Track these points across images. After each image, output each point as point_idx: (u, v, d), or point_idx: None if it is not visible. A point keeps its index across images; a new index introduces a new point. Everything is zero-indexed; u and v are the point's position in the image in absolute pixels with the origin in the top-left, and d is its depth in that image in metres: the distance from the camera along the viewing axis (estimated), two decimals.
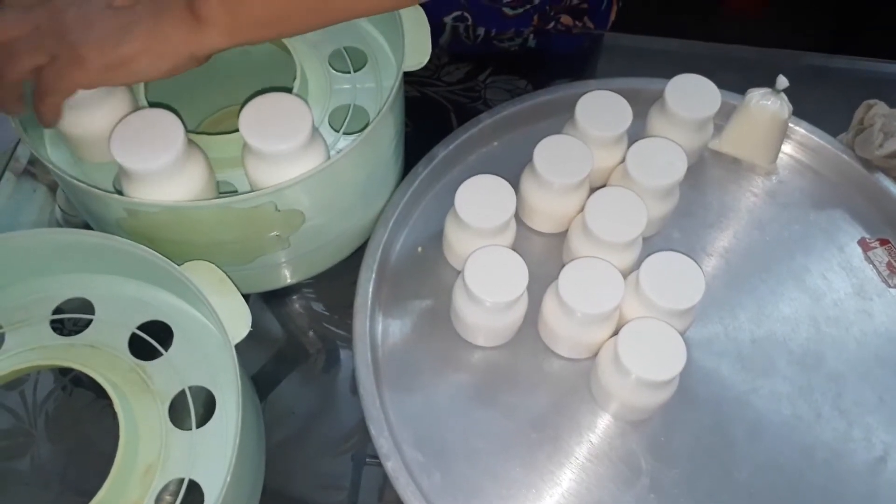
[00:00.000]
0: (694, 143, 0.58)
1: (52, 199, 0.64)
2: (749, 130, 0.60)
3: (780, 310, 0.55)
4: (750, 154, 0.61)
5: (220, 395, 0.46)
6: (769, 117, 0.58)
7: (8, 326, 0.48)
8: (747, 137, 0.60)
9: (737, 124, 0.60)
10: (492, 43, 0.71)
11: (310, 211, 0.47)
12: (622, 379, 0.47)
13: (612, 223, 0.51)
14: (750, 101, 0.58)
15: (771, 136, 0.60)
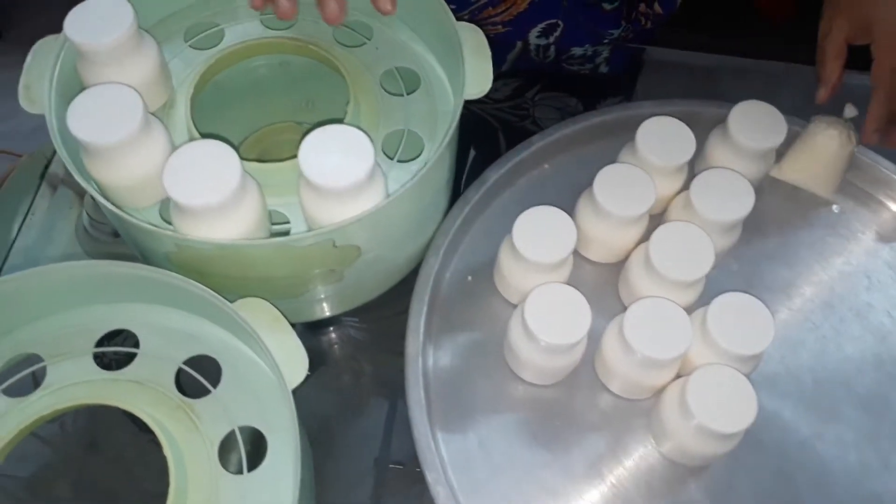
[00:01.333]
0: (756, 172, 0.56)
1: (80, 204, 0.62)
2: (812, 160, 0.57)
3: (844, 349, 0.53)
4: (812, 183, 0.59)
5: (272, 437, 0.44)
6: (835, 148, 0.56)
7: (49, 360, 0.46)
8: (810, 166, 0.58)
9: (800, 152, 0.58)
10: (561, 65, 0.69)
11: (366, 245, 0.45)
12: (688, 426, 0.45)
13: (678, 261, 0.49)
14: (815, 130, 0.56)
15: (835, 166, 0.57)
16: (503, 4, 0.67)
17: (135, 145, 0.43)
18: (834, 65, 0.56)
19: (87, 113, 0.42)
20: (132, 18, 0.45)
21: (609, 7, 0.68)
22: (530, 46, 0.69)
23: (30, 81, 0.45)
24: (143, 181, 0.44)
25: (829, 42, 0.56)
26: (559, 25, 0.68)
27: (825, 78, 0.56)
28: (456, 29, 0.48)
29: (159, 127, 0.45)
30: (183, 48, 0.54)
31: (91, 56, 0.45)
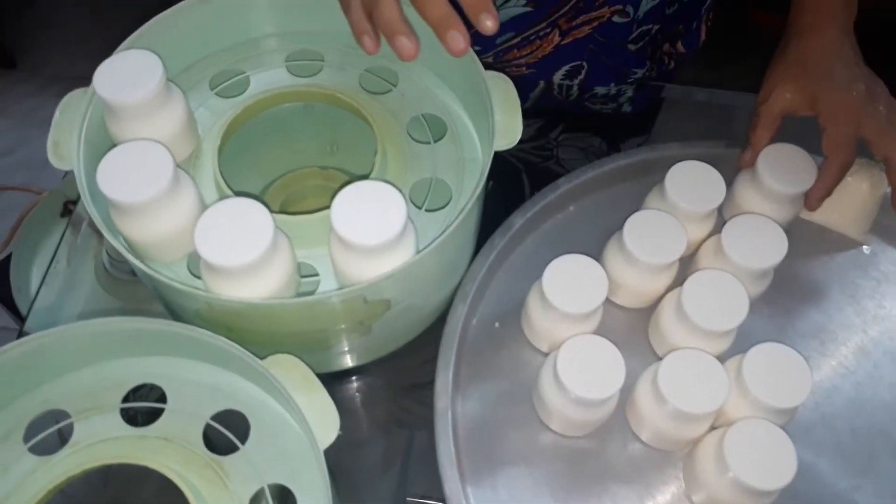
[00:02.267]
0: (785, 216, 0.55)
1: (100, 244, 0.62)
2: (843, 201, 0.57)
3: (881, 395, 0.52)
4: (842, 225, 0.58)
5: (301, 496, 0.43)
6: (866, 190, 0.55)
7: (76, 415, 0.46)
8: (840, 208, 0.57)
9: (832, 196, 0.57)
10: (584, 104, 0.69)
11: (396, 298, 0.45)
12: (724, 480, 0.44)
13: (712, 310, 0.48)
14: (848, 174, 0.55)
15: (865, 208, 0.56)
16: (529, 47, 0.67)
17: (164, 202, 0.42)
18: (764, 133, 0.55)
19: (117, 171, 0.42)
20: (161, 73, 0.45)
21: (634, 48, 0.68)
22: (554, 86, 0.69)
23: (59, 138, 0.45)
24: (172, 237, 0.44)
25: (766, 110, 0.55)
26: (584, 67, 0.68)
27: (754, 143, 0.55)
28: (484, 77, 0.48)
29: (188, 182, 0.45)
30: (209, 96, 0.53)
31: (119, 111, 0.45)
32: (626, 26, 0.67)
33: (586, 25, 0.66)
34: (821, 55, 0.54)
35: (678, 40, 0.73)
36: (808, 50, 0.55)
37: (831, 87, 0.53)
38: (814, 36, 0.55)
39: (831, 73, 0.54)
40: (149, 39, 0.49)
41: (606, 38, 0.67)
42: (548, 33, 0.66)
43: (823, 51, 0.55)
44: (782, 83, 0.55)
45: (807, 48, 0.55)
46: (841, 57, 0.54)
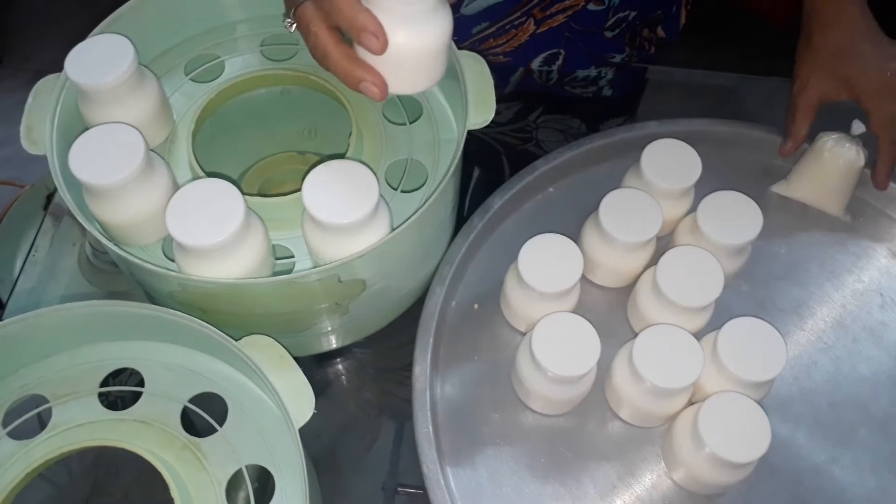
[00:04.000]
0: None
1: (83, 234, 0.62)
2: (819, 177, 0.57)
3: (859, 370, 0.52)
4: (819, 200, 0.58)
5: (280, 476, 0.44)
6: (843, 165, 0.55)
7: (55, 400, 0.46)
8: (817, 184, 0.57)
9: (806, 169, 0.57)
10: (564, 88, 0.69)
11: (371, 278, 0.45)
12: (700, 454, 0.44)
13: (687, 286, 0.48)
14: (823, 147, 0.56)
15: (843, 183, 0.57)
16: (504, 36, 0.67)
17: (137, 185, 0.43)
18: (804, 122, 0.56)
19: (88, 154, 0.42)
20: (132, 57, 0.45)
21: (610, 35, 0.68)
22: (533, 72, 0.69)
23: (31, 122, 0.45)
24: (146, 220, 0.44)
25: (804, 99, 0.56)
26: (561, 54, 0.68)
27: (794, 133, 0.57)
28: (457, 57, 0.48)
29: (161, 165, 0.45)
30: (184, 81, 0.53)
31: (92, 95, 0.45)
32: (602, 13, 0.67)
33: (561, 14, 0.66)
34: (848, 40, 0.55)
35: (658, 25, 0.73)
36: (834, 37, 0.56)
37: (866, 69, 0.54)
38: (837, 22, 0.56)
39: (863, 56, 0.54)
40: (123, 25, 0.49)
41: (582, 25, 0.67)
42: (522, 22, 0.66)
43: (850, 35, 0.55)
44: (816, 73, 0.56)
45: (833, 35, 0.56)
46: (868, 37, 0.55)
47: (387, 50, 0.37)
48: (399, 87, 0.39)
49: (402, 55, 0.37)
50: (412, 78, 0.39)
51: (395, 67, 0.38)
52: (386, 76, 0.38)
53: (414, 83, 0.39)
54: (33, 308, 0.43)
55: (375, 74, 0.38)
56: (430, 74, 0.39)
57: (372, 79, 0.38)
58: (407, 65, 0.38)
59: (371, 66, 0.38)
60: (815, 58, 0.56)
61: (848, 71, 0.55)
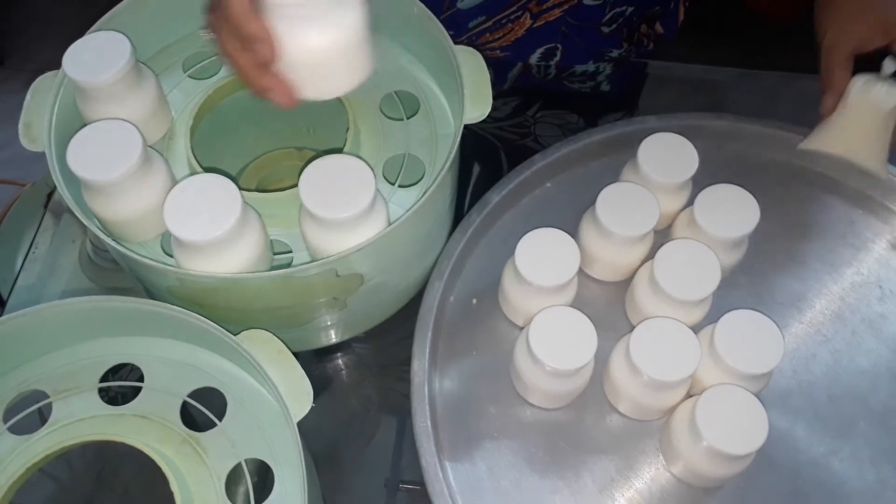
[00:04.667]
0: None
1: (83, 232, 0.63)
2: (850, 124, 0.53)
3: (858, 362, 0.52)
4: (852, 151, 0.54)
5: (279, 470, 0.44)
6: (875, 106, 0.52)
7: (55, 395, 0.46)
8: (848, 133, 0.54)
9: (834, 119, 0.54)
10: (562, 83, 0.68)
11: (369, 273, 0.45)
12: (697, 448, 0.44)
13: (684, 280, 0.48)
14: (850, 90, 0.53)
15: (877, 129, 0.53)
16: (501, 31, 0.67)
17: (135, 181, 0.43)
18: (843, 73, 0.53)
19: (86, 150, 0.42)
20: (129, 54, 0.45)
21: (608, 30, 0.68)
22: (532, 67, 0.69)
23: (30, 120, 0.46)
24: (144, 216, 0.44)
25: (837, 51, 0.53)
26: (558, 49, 0.68)
27: (834, 86, 0.53)
28: (454, 52, 0.48)
29: (159, 161, 0.45)
30: (182, 78, 0.54)
31: (90, 92, 0.45)
32: (598, 8, 0.67)
33: (557, 8, 0.66)
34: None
35: (656, 22, 0.73)
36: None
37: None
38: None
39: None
40: (120, 22, 0.50)
41: (578, 20, 0.67)
42: (519, 16, 0.66)
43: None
44: (848, 21, 0.53)
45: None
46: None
47: (288, 56, 0.35)
48: (311, 92, 0.38)
49: (305, 59, 0.36)
50: (322, 82, 0.38)
51: (302, 73, 0.37)
52: (296, 82, 0.37)
53: (325, 88, 0.38)
54: (34, 305, 0.44)
55: (280, 82, 0.37)
56: (343, 77, 0.38)
57: (277, 87, 0.37)
58: (312, 69, 0.37)
59: (276, 75, 0.37)
60: (842, 6, 0.53)
61: (885, 14, 0.52)
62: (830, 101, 0.54)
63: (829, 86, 0.54)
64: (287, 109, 0.39)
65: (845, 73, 0.53)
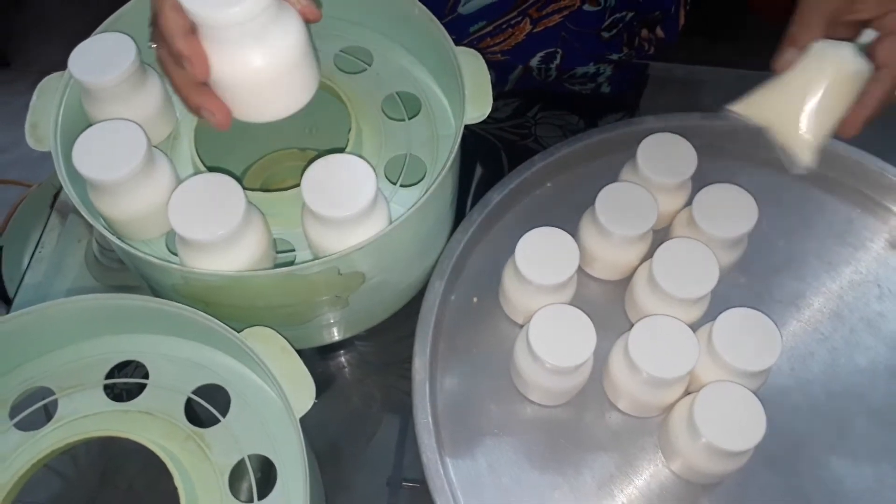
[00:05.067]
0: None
1: (90, 232, 0.63)
2: (791, 91, 0.43)
3: (856, 360, 0.53)
4: (783, 125, 0.44)
5: (282, 466, 0.44)
6: (827, 75, 0.43)
7: (60, 392, 0.47)
8: (789, 98, 0.43)
9: (780, 81, 0.45)
10: (563, 84, 0.69)
11: (371, 271, 0.46)
12: (696, 444, 0.45)
13: (682, 279, 0.48)
14: (808, 51, 0.44)
15: (820, 106, 0.43)
16: (501, 35, 0.68)
17: (139, 180, 0.43)
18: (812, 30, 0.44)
19: (91, 150, 0.43)
20: (135, 55, 0.45)
21: (608, 35, 0.68)
22: (532, 69, 0.70)
23: (36, 120, 0.46)
24: (149, 215, 0.45)
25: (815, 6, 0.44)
26: (558, 52, 0.69)
27: (797, 40, 0.44)
28: (455, 54, 0.49)
29: (164, 160, 0.46)
30: None
31: (96, 93, 0.46)
32: (598, 14, 0.67)
33: (557, 14, 0.66)
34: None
35: (657, 26, 0.73)
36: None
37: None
38: None
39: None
40: (126, 23, 0.50)
41: (578, 26, 0.67)
42: (519, 22, 0.67)
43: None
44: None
45: None
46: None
47: (220, 77, 0.35)
48: (246, 114, 0.37)
49: (237, 82, 0.36)
50: (257, 105, 0.37)
51: (234, 94, 0.36)
52: (228, 102, 0.37)
53: (260, 110, 0.37)
54: (40, 303, 0.44)
55: (213, 102, 0.37)
56: (279, 100, 0.37)
57: (210, 106, 0.37)
58: (245, 91, 0.36)
59: (210, 93, 0.37)
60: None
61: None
62: (787, 56, 0.44)
63: (792, 39, 0.45)
64: (221, 130, 0.38)
65: (815, 30, 0.44)
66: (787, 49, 0.45)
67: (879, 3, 0.43)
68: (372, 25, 0.56)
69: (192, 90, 0.37)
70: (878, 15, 0.44)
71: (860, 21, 0.44)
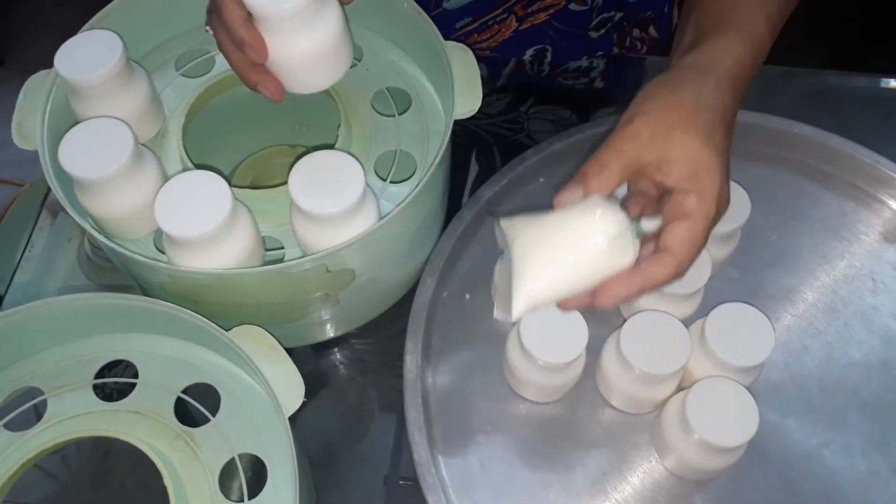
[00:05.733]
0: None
1: (81, 232, 0.63)
2: (548, 238, 0.38)
3: (850, 355, 0.52)
4: (524, 268, 0.37)
5: (272, 465, 0.44)
6: (594, 239, 0.37)
7: (50, 392, 0.46)
8: (538, 245, 0.38)
9: (546, 219, 0.39)
10: (556, 79, 0.69)
11: (360, 268, 0.45)
12: (689, 440, 0.45)
13: None
14: (588, 201, 0.38)
15: (576, 265, 0.37)
16: (488, 32, 0.67)
17: (126, 178, 0.43)
18: (612, 179, 0.38)
19: (78, 148, 0.43)
20: (121, 52, 0.45)
21: (596, 35, 0.68)
22: (525, 64, 0.69)
23: (22, 118, 0.46)
24: (136, 213, 0.45)
25: (619, 151, 0.39)
26: (548, 49, 0.68)
27: (590, 182, 0.38)
28: (444, 48, 0.48)
29: (151, 158, 0.45)
30: (174, 77, 0.54)
31: (82, 91, 0.46)
32: (585, 14, 0.67)
33: (542, 12, 0.66)
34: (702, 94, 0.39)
35: (650, 26, 0.72)
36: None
37: (705, 148, 0.38)
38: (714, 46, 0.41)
39: (701, 128, 0.39)
40: (113, 21, 0.50)
41: (565, 25, 0.67)
42: (504, 19, 0.66)
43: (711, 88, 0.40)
44: (642, 114, 0.39)
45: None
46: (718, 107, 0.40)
47: (275, 57, 0.41)
48: (297, 87, 0.44)
49: (290, 61, 0.41)
50: (306, 79, 0.43)
51: (288, 71, 0.42)
52: (281, 78, 0.43)
53: (309, 83, 0.44)
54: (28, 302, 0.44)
55: (269, 79, 0.43)
56: (324, 74, 0.43)
57: (266, 83, 0.43)
58: (297, 68, 0.42)
59: (265, 72, 0.43)
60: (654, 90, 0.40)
61: (690, 148, 0.38)
62: (567, 196, 0.39)
63: (583, 176, 0.39)
64: (276, 102, 0.44)
65: (612, 176, 0.38)
66: (573, 188, 0.39)
67: (690, 177, 0.38)
68: (361, 21, 0.56)
69: (249, 70, 0.43)
70: (680, 187, 0.38)
71: (658, 186, 0.40)
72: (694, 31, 0.45)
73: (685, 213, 0.38)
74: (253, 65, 0.42)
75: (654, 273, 0.38)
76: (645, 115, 0.39)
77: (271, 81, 0.42)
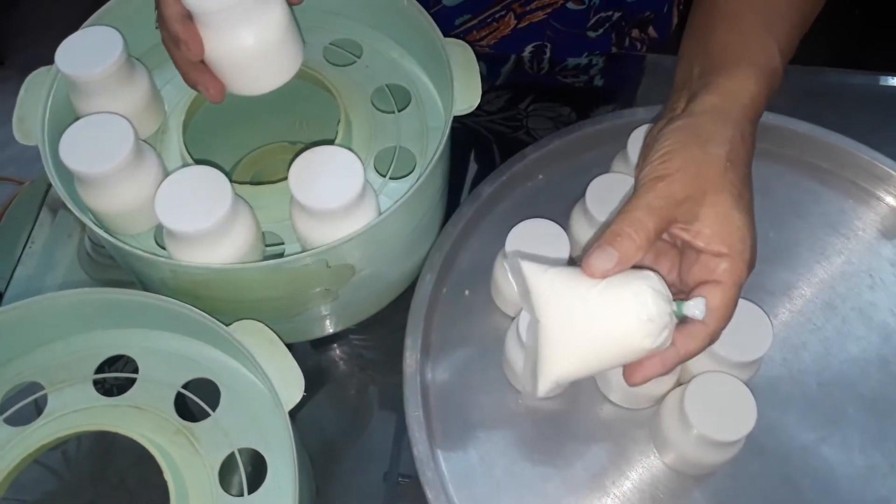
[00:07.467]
0: None
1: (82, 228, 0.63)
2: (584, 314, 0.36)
3: (848, 350, 0.53)
4: (555, 343, 0.37)
5: (272, 459, 0.44)
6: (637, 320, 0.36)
7: (50, 387, 0.47)
8: (573, 321, 0.36)
9: (580, 288, 0.37)
10: (555, 77, 0.69)
11: (360, 264, 0.45)
12: (687, 435, 0.45)
13: None
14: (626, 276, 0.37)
15: (614, 342, 0.36)
16: (487, 29, 0.67)
17: (127, 173, 0.43)
18: (645, 234, 0.36)
19: (78, 143, 0.43)
20: (121, 48, 0.45)
21: (594, 34, 0.68)
22: (524, 62, 0.69)
23: (23, 114, 0.46)
24: (136, 208, 0.45)
25: (649, 206, 0.37)
26: (547, 46, 0.68)
27: (623, 240, 0.36)
28: (443, 45, 0.49)
29: (151, 154, 0.46)
30: (175, 73, 0.53)
31: (83, 87, 0.46)
32: (582, 13, 0.67)
33: (540, 11, 0.66)
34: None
35: (649, 26, 0.73)
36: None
37: (735, 209, 0.38)
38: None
39: (731, 187, 0.38)
40: (114, 17, 0.50)
41: (563, 24, 0.67)
42: (503, 16, 0.66)
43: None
44: (675, 171, 0.37)
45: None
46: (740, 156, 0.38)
47: (213, 55, 0.40)
48: (237, 88, 0.42)
49: (228, 59, 0.40)
50: (246, 79, 0.42)
51: (227, 71, 0.41)
52: (223, 78, 0.42)
53: (250, 84, 0.42)
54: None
55: (209, 78, 0.42)
56: (267, 75, 0.42)
57: (204, 82, 0.42)
58: (235, 67, 0.41)
59: (205, 71, 0.42)
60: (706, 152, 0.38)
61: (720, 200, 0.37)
62: (602, 264, 0.36)
63: (614, 235, 0.36)
64: (216, 103, 0.43)
65: (645, 230, 0.36)
66: (604, 252, 0.36)
67: (721, 240, 0.37)
68: (361, 18, 0.56)
69: (189, 68, 0.42)
70: (710, 249, 0.37)
71: (681, 241, 0.39)
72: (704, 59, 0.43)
73: (716, 279, 0.37)
74: (193, 63, 0.41)
75: (689, 348, 0.37)
76: (679, 173, 0.37)
77: (211, 81, 0.41)
